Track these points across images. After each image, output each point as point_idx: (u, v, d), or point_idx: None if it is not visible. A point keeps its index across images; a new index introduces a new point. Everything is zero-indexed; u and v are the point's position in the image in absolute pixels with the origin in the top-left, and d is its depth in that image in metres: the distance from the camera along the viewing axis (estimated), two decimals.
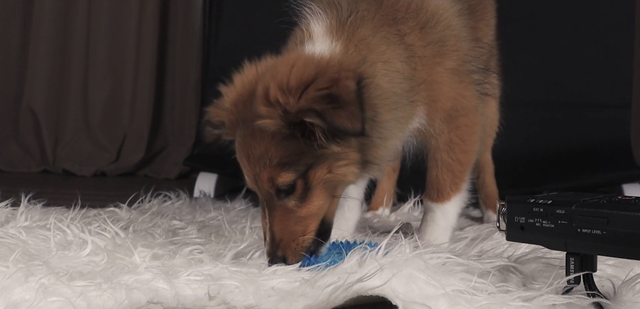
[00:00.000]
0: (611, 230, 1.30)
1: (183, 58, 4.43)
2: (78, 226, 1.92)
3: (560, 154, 3.47)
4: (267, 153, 1.63)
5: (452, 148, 1.95)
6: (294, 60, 1.66)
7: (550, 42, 3.55)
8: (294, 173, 1.64)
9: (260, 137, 1.63)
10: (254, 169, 1.66)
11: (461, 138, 1.96)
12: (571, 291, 1.39)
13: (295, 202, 1.67)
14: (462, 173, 1.99)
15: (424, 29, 1.86)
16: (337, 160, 1.66)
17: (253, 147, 1.65)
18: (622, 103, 3.52)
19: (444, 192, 1.99)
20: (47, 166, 4.39)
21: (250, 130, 1.65)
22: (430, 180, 2.01)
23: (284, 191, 1.65)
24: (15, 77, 4.52)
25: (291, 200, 1.67)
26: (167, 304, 1.43)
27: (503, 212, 1.46)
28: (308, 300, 1.39)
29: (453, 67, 1.91)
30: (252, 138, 1.64)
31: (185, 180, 4.13)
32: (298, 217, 1.68)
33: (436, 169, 1.98)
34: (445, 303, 1.31)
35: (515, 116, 2.66)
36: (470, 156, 2.00)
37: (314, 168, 1.65)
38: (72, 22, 4.45)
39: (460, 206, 2.02)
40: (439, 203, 1.99)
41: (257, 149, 1.64)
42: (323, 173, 1.66)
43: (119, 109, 4.44)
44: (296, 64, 1.63)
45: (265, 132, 1.62)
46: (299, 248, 1.68)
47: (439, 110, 1.91)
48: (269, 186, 1.66)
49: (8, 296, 1.41)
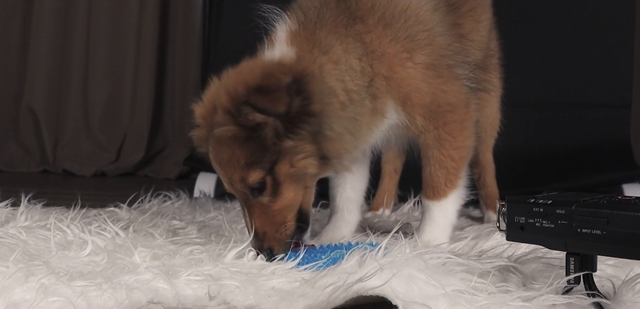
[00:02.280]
0: (611, 230, 1.30)
1: (183, 58, 4.43)
2: (78, 226, 1.92)
3: (560, 154, 3.47)
4: (234, 157, 1.76)
5: (442, 144, 1.97)
6: (243, 67, 1.82)
7: (550, 42, 3.55)
8: (261, 171, 1.76)
9: (225, 143, 1.76)
10: (226, 173, 1.79)
11: (450, 134, 1.97)
12: (571, 291, 1.39)
13: (268, 198, 1.79)
14: (456, 169, 1.99)
15: (388, 26, 1.92)
16: (295, 154, 1.77)
17: (221, 153, 1.78)
18: (622, 103, 3.52)
19: (440, 189, 1.99)
20: (47, 166, 4.39)
21: (217, 139, 1.78)
22: (425, 178, 2.01)
23: (256, 189, 1.78)
24: (15, 77, 4.52)
25: (265, 196, 1.79)
26: (168, 304, 1.43)
27: (503, 212, 1.46)
28: (308, 300, 1.39)
29: (426, 62, 1.93)
30: (220, 145, 1.78)
31: (185, 180, 4.13)
32: (274, 211, 1.80)
33: (429, 166, 1.99)
34: (445, 303, 1.31)
35: (515, 116, 2.66)
36: (462, 152, 2.00)
37: (278, 164, 1.77)
38: (72, 22, 4.45)
39: (459, 202, 2.02)
40: (436, 200, 2.00)
41: (224, 154, 1.77)
42: (287, 167, 1.78)
43: (119, 109, 4.44)
44: (243, 71, 1.79)
45: (227, 138, 1.75)
46: (283, 237, 1.80)
47: (417, 106, 1.94)
48: (242, 187, 1.78)
49: (8, 296, 1.41)
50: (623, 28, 3.56)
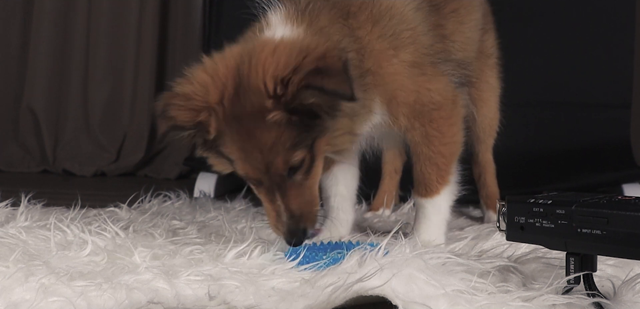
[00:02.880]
0: (611, 230, 1.30)
1: (183, 58, 4.42)
2: (78, 226, 1.92)
3: (560, 154, 3.47)
4: (280, 140, 1.69)
5: (430, 140, 1.97)
6: (273, 46, 1.72)
7: (550, 42, 3.55)
8: (304, 150, 1.74)
9: (269, 128, 1.68)
10: (266, 159, 1.71)
11: (438, 130, 1.97)
12: (571, 291, 1.39)
13: (302, 175, 1.77)
14: (446, 165, 2.00)
15: (377, 23, 1.93)
16: (335, 130, 1.78)
17: (263, 138, 1.69)
18: (622, 103, 3.52)
19: (432, 186, 2.00)
20: (47, 166, 4.40)
21: (253, 123, 1.68)
22: (417, 176, 2.02)
23: (295, 168, 1.74)
24: (15, 77, 4.52)
25: (299, 174, 1.76)
26: (168, 304, 1.43)
27: (503, 212, 1.46)
28: (308, 300, 1.39)
29: (411, 60, 1.94)
30: (259, 131, 1.69)
31: (185, 180, 4.13)
32: (306, 187, 1.78)
33: (419, 163, 2.00)
34: (445, 303, 1.31)
35: (515, 116, 2.66)
36: (452, 148, 2.01)
37: (317, 141, 1.76)
38: (72, 22, 4.45)
39: (451, 198, 2.03)
40: (429, 197, 2.00)
41: (268, 139, 1.69)
42: (324, 144, 1.78)
43: (119, 109, 4.44)
44: (278, 50, 1.70)
45: (273, 123, 1.67)
46: (314, 216, 1.81)
47: (401, 104, 1.94)
48: (283, 169, 1.73)
49: (8, 296, 1.41)
50: (623, 28, 3.56)
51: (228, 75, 1.72)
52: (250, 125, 1.69)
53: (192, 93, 1.72)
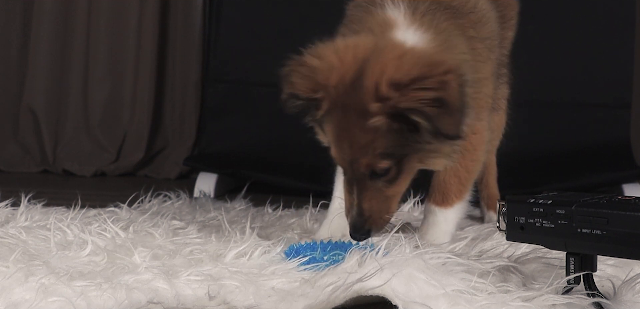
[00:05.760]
0: (611, 230, 1.30)
1: (183, 58, 4.43)
2: (78, 226, 1.92)
3: (560, 154, 3.47)
4: (372, 144, 1.68)
5: (464, 154, 1.93)
6: (401, 52, 1.69)
7: (550, 42, 3.54)
8: (392, 161, 1.71)
9: (366, 130, 1.67)
10: (353, 155, 1.71)
11: (472, 145, 1.95)
12: (571, 291, 1.39)
13: (384, 184, 1.75)
14: (467, 180, 1.99)
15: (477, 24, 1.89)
16: (432, 152, 1.73)
17: (357, 136, 1.69)
18: (622, 103, 3.52)
19: (449, 198, 1.98)
20: (47, 166, 4.39)
21: (354, 118, 1.68)
22: (437, 184, 2.00)
23: (378, 174, 1.73)
24: (15, 77, 4.51)
25: (381, 181, 1.74)
26: (168, 304, 1.43)
27: (503, 212, 1.45)
28: (308, 300, 1.39)
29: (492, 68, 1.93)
30: (357, 127, 1.68)
31: (185, 180, 4.13)
32: (385, 196, 1.77)
33: (445, 173, 1.97)
34: (445, 303, 1.31)
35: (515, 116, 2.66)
36: (477, 166, 2.00)
37: (409, 157, 1.72)
38: (72, 22, 4.44)
39: (461, 214, 2.03)
40: (443, 207, 2.00)
41: (361, 139, 1.69)
42: (415, 161, 1.75)
43: (119, 109, 4.44)
44: (404, 58, 1.66)
45: (372, 126, 1.67)
46: (383, 223, 1.79)
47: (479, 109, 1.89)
48: (365, 170, 1.72)
49: (8, 296, 1.41)
50: (623, 28, 3.56)
51: (353, 66, 1.69)
52: (351, 119, 1.68)
53: (318, 68, 1.71)
